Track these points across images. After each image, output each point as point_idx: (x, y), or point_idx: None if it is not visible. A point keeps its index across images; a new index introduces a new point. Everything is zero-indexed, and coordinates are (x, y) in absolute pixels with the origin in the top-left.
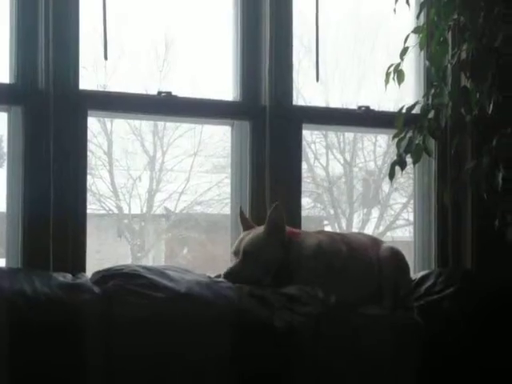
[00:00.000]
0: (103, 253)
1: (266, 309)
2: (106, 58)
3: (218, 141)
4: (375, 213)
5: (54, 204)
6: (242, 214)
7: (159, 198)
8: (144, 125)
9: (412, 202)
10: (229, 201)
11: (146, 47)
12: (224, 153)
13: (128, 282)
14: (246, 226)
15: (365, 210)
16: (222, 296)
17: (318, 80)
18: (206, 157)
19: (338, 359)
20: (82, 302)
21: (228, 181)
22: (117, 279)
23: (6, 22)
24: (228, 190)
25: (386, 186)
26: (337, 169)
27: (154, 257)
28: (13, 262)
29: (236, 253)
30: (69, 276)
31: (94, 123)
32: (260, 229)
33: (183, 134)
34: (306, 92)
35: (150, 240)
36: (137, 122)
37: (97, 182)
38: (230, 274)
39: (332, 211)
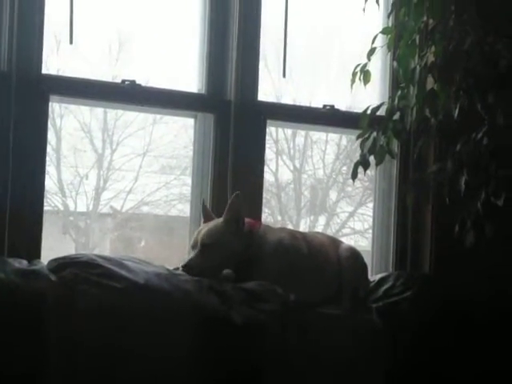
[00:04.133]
0: (47, 249)
1: (225, 303)
2: (71, 42)
3: (167, 142)
4: (322, 220)
5: (11, 190)
6: (204, 206)
7: (106, 196)
8: (93, 122)
9: (359, 211)
10: (176, 202)
11: (111, 35)
12: (174, 154)
13: (85, 271)
14: (207, 217)
15: (312, 217)
16: (180, 289)
17: (284, 76)
18: (156, 157)
19: (295, 357)
20: (38, 289)
21: (176, 182)
22: (74, 267)
23: None
24: (175, 191)
25: (333, 194)
26: (286, 175)
27: None
28: None
29: (194, 246)
30: (24, 262)
31: None
32: (218, 220)
33: (133, 133)
34: (272, 88)
35: (95, 238)
36: (86, 119)
37: None
38: (187, 267)
39: (279, 217)
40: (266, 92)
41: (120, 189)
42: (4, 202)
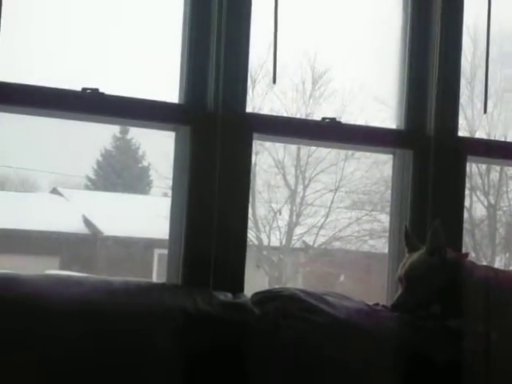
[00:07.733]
0: None
1: (426, 341)
2: (274, 81)
3: (359, 177)
4: None
5: (217, 226)
6: (407, 233)
7: (298, 231)
8: (287, 159)
9: None
10: (368, 238)
11: (305, 72)
12: (365, 189)
13: (288, 305)
14: (411, 247)
15: (507, 255)
16: (381, 326)
17: (485, 112)
18: (347, 193)
19: None
20: (242, 322)
21: (367, 218)
22: (277, 301)
23: (178, 44)
24: (367, 227)
25: None
26: (480, 211)
27: None
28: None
29: (400, 279)
30: (229, 295)
31: None
32: (422, 251)
33: (325, 169)
34: (466, 123)
35: (288, 273)
36: (280, 156)
37: None
38: (395, 305)
39: (473, 254)
40: (460, 127)
41: (312, 224)
42: (210, 237)
